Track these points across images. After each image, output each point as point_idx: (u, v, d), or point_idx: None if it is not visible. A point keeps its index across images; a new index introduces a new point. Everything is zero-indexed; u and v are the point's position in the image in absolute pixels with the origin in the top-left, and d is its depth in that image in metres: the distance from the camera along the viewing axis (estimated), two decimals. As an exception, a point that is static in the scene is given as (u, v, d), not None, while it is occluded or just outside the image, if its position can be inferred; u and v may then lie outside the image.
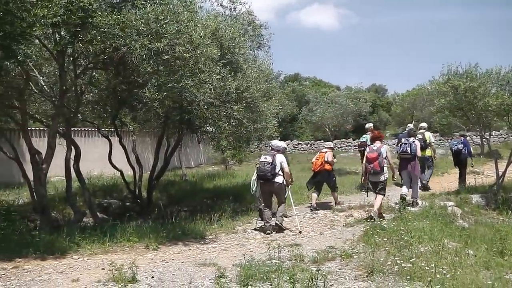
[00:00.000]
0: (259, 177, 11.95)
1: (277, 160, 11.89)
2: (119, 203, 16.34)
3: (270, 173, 11.67)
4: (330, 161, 14.67)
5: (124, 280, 6.89)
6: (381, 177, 12.42)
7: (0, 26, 8.56)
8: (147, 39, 9.46)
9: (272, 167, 11.71)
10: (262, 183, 11.93)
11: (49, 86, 13.21)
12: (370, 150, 12.59)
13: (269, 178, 11.72)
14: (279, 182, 11.87)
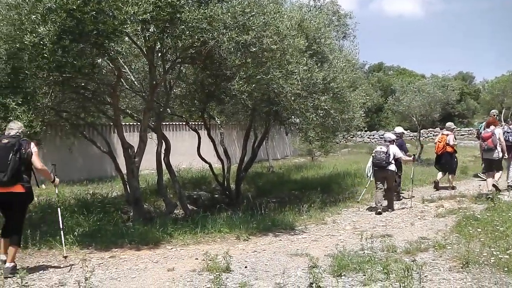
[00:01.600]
0: (374, 164, 13.42)
1: (391, 150, 13.26)
2: (208, 195, 16.55)
3: (384, 161, 13.08)
4: (452, 144, 15.87)
5: (219, 269, 6.97)
6: (494, 154, 13.71)
7: (93, 24, 8.83)
8: (234, 32, 9.53)
9: (386, 156, 13.12)
10: (376, 170, 13.40)
11: (138, 82, 13.54)
12: (485, 131, 13.87)
13: (384, 166, 13.13)
14: (392, 170, 13.30)
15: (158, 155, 12.51)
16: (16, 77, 9.62)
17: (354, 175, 19.81)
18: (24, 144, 7.60)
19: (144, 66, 13.41)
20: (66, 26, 8.65)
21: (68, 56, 8.89)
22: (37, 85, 10.03)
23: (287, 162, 28.22)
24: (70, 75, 9.90)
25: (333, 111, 12.68)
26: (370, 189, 16.52)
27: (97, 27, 8.86)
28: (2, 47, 9.22)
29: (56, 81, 9.83)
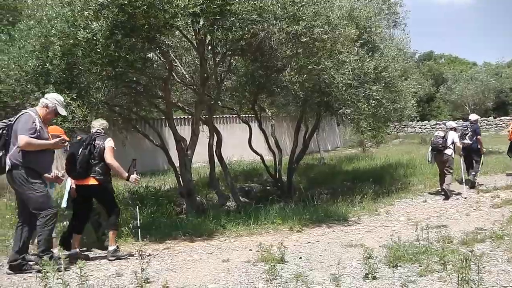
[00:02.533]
0: (432, 148, 14.01)
1: (449, 136, 13.81)
2: (260, 187, 16.60)
3: (441, 145, 13.65)
4: None
5: (273, 260, 6.96)
6: None
7: (145, 18, 8.92)
8: (285, 22, 9.48)
9: (443, 141, 13.71)
10: (435, 154, 13.95)
11: (189, 75, 13.63)
12: None
13: (440, 150, 13.70)
14: (448, 154, 13.76)
15: (210, 148, 12.60)
16: (70, 73, 9.81)
17: (406, 165, 19.60)
18: (98, 139, 8.06)
19: (195, 59, 13.49)
20: (118, 21, 8.78)
21: (120, 50, 9.04)
22: (91, 80, 10.19)
23: (338, 153, 28.11)
24: (122, 70, 10.02)
25: (385, 101, 12.54)
26: (423, 179, 16.35)
27: (148, 21, 8.96)
28: (57, 44, 9.37)
29: (109, 76, 9.95)
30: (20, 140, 7.03)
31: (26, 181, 7.14)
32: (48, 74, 9.61)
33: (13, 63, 9.94)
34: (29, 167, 7.15)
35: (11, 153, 7.20)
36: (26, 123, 7.15)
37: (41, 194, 7.21)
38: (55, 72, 9.58)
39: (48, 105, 7.53)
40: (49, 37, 9.51)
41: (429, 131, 37.57)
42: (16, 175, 7.16)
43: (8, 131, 7.31)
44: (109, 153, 8.01)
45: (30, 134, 7.08)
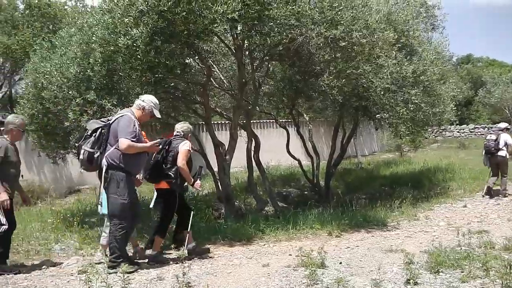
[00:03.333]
0: (485, 152, 14.50)
1: (501, 138, 14.24)
2: (297, 192, 16.58)
3: (493, 148, 14.16)
4: None
5: (314, 265, 6.94)
6: None
7: (184, 24, 9.04)
8: (323, 27, 9.49)
9: (495, 143, 14.20)
10: (489, 156, 14.41)
11: (227, 80, 13.70)
12: None
13: (493, 152, 14.22)
14: (502, 156, 14.26)
15: (248, 153, 12.64)
16: (110, 79, 9.96)
17: (445, 170, 19.37)
18: (174, 142, 8.34)
19: (232, 64, 13.56)
20: (157, 27, 8.91)
21: (160, 56, 9.17)
22: (130, 86, 10.30)
23: (376, 158, 27.93)
24: (162, 76, 10.14)
25: (423, 105, 12.41)
26: (463, 184, 16.16)
27: (187, 27, 9.07)
28: (98, 51, 9.54)
29: (149, 81, 10.06)
30: (122, 143, 7.25)
31: (117, 183, 7.34)
32: (89, 80, 9.78)
33: (55, 70, 10.15)
34: (125, 168, 7.38)
35: (108, 152, 7.40)
36: (127, 126, 7.35)
37: (123, 202, 7.37)
38: (96, 78, 9.74)
39: (145, 107, 7.74)
40: (90, 44, 9.70)
41: (468, 135, 37.11)
42: (111, 175, 7.36)
43: (107, 130, 7.50)
44: (181, 157, 8.19)
45: (131, 137, 7.29)
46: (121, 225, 7.35)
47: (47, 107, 10.57)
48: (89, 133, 7.55)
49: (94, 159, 7.43)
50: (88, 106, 9.68)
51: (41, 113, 11.08)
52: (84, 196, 17.37)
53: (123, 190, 7.34)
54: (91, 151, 7.42)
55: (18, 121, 8.09)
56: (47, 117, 11.04)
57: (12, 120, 8.03)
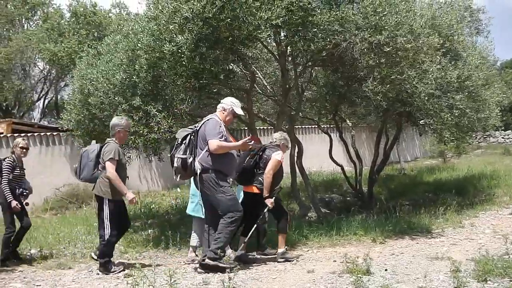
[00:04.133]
0: None
1: None
2: (340, 198, 16.49)
3: None
4: None
5: (359, 272, 6.91)
6: None
7: (229, 31, 9.12)
8: (367, 32, 9.45)
9: None
10: None
11: (270, 86, 13.73)
12: None
13: None
14: None
15: (291, 158, 12.63)
16: (156, 85, 10.10)
17: (490, 176, 19.04)
18: (268, 150, 8.71)
19: (275, 70, 13.61)
20: (202, 34, 9.01)
21: (205, 63, 9.26)
22: (175, 92, 10.42)
23: (418, 164, 27.61)
24: (206, 82, 10.23)
25: (468, 110, 12.24)
26: (509, 191, 15.87)
27: (232, 34, 9.15)
28: (143, 57, 9.68)
29: (193, 87, 10.17)
30: (211, 144, 7.52)
31: (216, 184, 7.61)
32: (135, 87, 9.93)
33: (101, 76, 10.32)
34: (218, 170, 7.62)
35: (200, 157, 7.68)
36: (214, 128, 7.63)
37: (230, 197, 7.70)
38: (142, 85, 9.89)
39: (225, 108, 8.00)
40: (136, 50, 9.86)
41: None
42: (206, 178, 7.63)
43: (195, 136, 7.78)
44: (270, 165, 8.44)
45: (219, 138, 7.53)
46: (234, 218, 7.66)
47: (94, 112, 10.76)
48: (179, 142, 7.82)
49: (188, 165, 7.68)
50: (134, 112, 9.83)
51: (87, 119, 11.28)
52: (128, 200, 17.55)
53: (225, 188, 7.67)
54: (184, 157, 7.67)
55: (124, 122, 8.42)
56: (93, 122, 11.23)
57: (118, 122, 8.33)
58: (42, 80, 30.24)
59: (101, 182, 8.06)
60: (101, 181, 8.05)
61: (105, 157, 7.97)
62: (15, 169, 9.07)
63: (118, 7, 29.77)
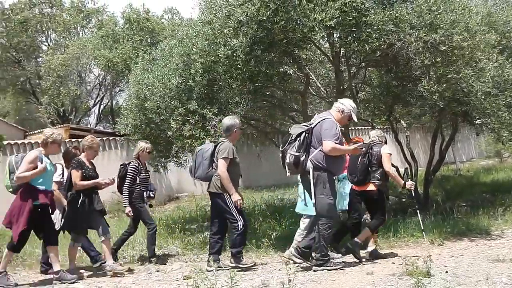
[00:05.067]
0: None
1: None
2: (395, 199, 16.28)
3: None
4: None
5: (419, 274, 6.82)
6: None
7: (283, 33, 9.14)
8: (422, 31, 9.33)
9: None
10: None
11: (324, 88, 13.69)
12: None
13: None
14: None
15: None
16: (211, 89, 10.20)
17: (550, 177, 18.58)
18: (375, 147, 8.82)
19: (328, 72, 13.55)
20: (257, 37, 9.07)
21: (260, 66, 9.29)
22: (230, 95, 10.49)
23: (474, 164, 27.10)
24: (261, 85, 10.28)
25: (527, 109, 11.96)
26: None
27: (286, 36, 9.19)
28: (198, 61, 9.81)
29: (248, 90, 10.24)
30: (326, 145, 7.59)
31: (323, 183, 7.69)
32: (191, 91, 10.06)
33: (157, 81, 10.49)
34: (329, 169, 7.72)
35: (313, 155, 7.75)
36: (330, 129, 7.70)
37: (330, 201, 7.79)
38: (197, 88, 10.02)
39: (344, 110, 8.08)
40: (191, 55, 9.99)
41: None
42: (316, 176, 7.68)
43: (310, 134, 7.84)
44: (385, 160, 8.64)
45: (334, 140, 7.62)
46: (328, 224, 7.78)
47: (150, 117, 10.92)
48: (293, 138, 7.86)
49: (300, 163, 7.73)
50: (190, 116, 9.95)
51: (144, 123, 11.47)
52: (183, 203, 17.79)
53: (329, 191, 7.74)
54: (297, 155, 7.71)
55: (238, 122, 8.67)
56: (150, 127, 11.41)
57: (234, 123, 8.51)
58: (97, 86, 30.88)
59: (215, 180, 8.28)
60: (216, 179, 8.27)
61: (219, 155, 8.18)
62: (141, 173, 9.31)
63: (170, 13, 30.22)
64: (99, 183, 8.61)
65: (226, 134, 8.46)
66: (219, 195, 8.27)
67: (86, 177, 8.42)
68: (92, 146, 8.66)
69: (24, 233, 7.75)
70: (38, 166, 7.73)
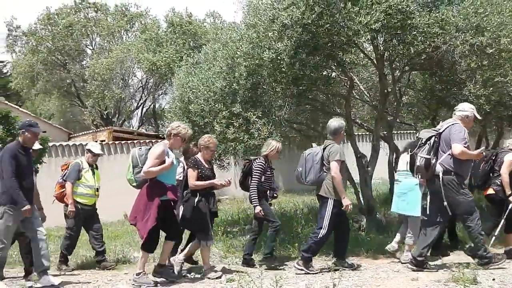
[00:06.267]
0: None
1: None
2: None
3: None
4: None
5: (465, 280, 6.72)
6: None
7: (328, 36, 9.12)
8: (468, 34, 9.19)
9: None
10: None
11: (367, 91, 13.60)
12: None
13: None
14: None
15: (389, 165, 12.47)
16: (255, 92, 10.22)
17: None
18: (500, 154, 9.07)
19: (371, 75, 13.46)
20: (301, 40, 9.08)
21: (305, 69, 9.27)
22: (274, 98, 10.50)
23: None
24: (305, 88, 10.27)
25: None
26: None
27: (331, 39, 9.16)
28: (242, 65, 9.84)
29: (292, 94, 10.24)
30: (455, 148, 7.69)
31: (458, 186, 7.81)
32: (235, 94, 10.09)
33: (201, 84, 10.55)
34: (459, 173, 7.80)
35: (442, 159, 7.86)
36: (459, 133, 7.84)
37: (471, 199, 7.95)
38: (241, 92, 10.05)
39: (468, 115, 8.25)
40: (235, 58, 10.01)
41: None
42: (447, 180, 7.78)
43: (439, 138, 7.98)
44: (504, 166, 8.76)
45: (463, 144, 7.74)
46: (477, 219, 7.85)
47: (194, 120, 10.96)
48: (423, 142, 7.99)
49: (430, 165, 7.82)
50: (234, 119, 9.98)
51: (187, 126, 11.52)
52: (225, 206, 17.84)
53: (465, 190, 7.94)
54: (428, 157, 7.82)
55: (344, 124, 8.84)
56: (193, 129, 11.43)
57: (341, 125, 8.61)
58: (140, 89, 31.23)
59: (327, 183, 8.31)
60: (328, 183, 8.30)
61: (331, 157, 8.21)
62: (266, 171, 9.20)
63: (212, 16, 30.38)
64: (215, 183, 8.52)
65: (333, 137, 8.48)
66: (325, 198, 8.32)
67: (202, 177, 8.33)
68: (208, 145, 8.51)
69: (154, 230, 7.56)
70: (166, 161, 7.61)
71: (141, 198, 7.70)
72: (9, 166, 7.48)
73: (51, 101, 33.05)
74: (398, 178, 9.29)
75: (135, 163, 7.90)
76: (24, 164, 7.72)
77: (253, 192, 8.95)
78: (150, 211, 7.49)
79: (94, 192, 9.50)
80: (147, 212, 7.50)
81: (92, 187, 9.47)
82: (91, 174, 9.52)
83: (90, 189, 9.45)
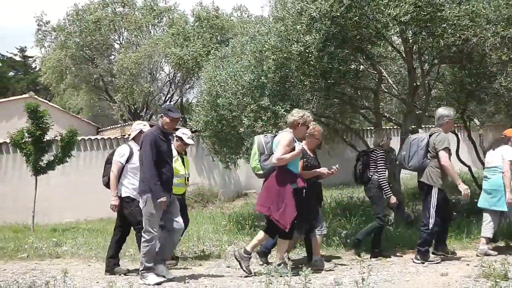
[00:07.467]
0: None
1: None
2: (467, 199, 15.88)
3: None
4: None
5: (497, 276, 6.63)
6: None
7: (356, 29, 9.06)
8: (499, 26, 9.05)
9: None
10: None
11: (395, 85, 13.49)
12: None
13: None
14: None
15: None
16: (283, 86, 10.18)
17: None
18: None
19: (400, 68, 13.35)
20: (330, 33, 9.00)
21: (333, 62, 9.21)
22: (302, 92, 10.47)
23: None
24: (333, 81, 10.22)
25: None
26: None
27: (359, 32, 9.10)
28: (271, 58, 9.82)
29: (320, 87, 10.19)
30: None
31: None
32: (263, 87, 10.06)
33: (229, 77, 10.57)
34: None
35: None
36: None
37: None
38: (270, 85, 10.02)
39: None
40: (263, 52, 10.00)
41: None
42: None
43: None
44: None
45: None
46: None
47: (222, 114, 11.00)
48: None
49: None
50: (262, 112, 9.96)
51: (215, 120, 11.56)
52: (251, 200, 17.85)
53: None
54: None
55: (453, 113, 8.76)
56: (221, 123, 11.49)
57: (448, 113, 8.58)
58: (167, 84, 31.34)
59: (431, 171, 8.29)
60: (431, 170, 8.29)
61: (438, 146, 8.17)
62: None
63: (239, 10, 30.31)
64: (322, 172, 8.23)
65: (438, 124, 8.49)
66: (429, 186, 8.31)
67: (308, 166, 8.11)
68: (313, 134, 8.25)
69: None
70: (296, 148, 7.49)
71: (271, 188, 7.53)
72: (149, 153, 7.30)
73: (80, 95, 33.34)
74: (486, 174, 9.19)
75: (261, 150, 7.78)
76: (164, 149, 7.52)
77: (384, 183, 8.90)
78: (285, 200, 7.37)
79: (184, 181, 8.91)
80: (281, 202, 7.38)
81: (181, 176, 8.77)
82: (180, 162, 8.85)
83: (179, 178, 8.68)
